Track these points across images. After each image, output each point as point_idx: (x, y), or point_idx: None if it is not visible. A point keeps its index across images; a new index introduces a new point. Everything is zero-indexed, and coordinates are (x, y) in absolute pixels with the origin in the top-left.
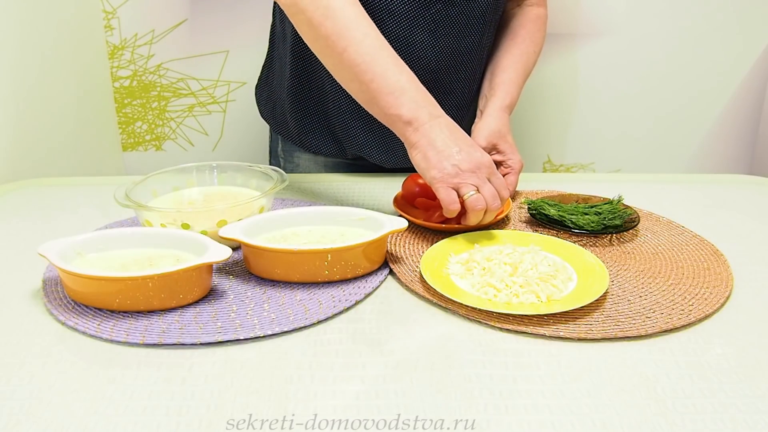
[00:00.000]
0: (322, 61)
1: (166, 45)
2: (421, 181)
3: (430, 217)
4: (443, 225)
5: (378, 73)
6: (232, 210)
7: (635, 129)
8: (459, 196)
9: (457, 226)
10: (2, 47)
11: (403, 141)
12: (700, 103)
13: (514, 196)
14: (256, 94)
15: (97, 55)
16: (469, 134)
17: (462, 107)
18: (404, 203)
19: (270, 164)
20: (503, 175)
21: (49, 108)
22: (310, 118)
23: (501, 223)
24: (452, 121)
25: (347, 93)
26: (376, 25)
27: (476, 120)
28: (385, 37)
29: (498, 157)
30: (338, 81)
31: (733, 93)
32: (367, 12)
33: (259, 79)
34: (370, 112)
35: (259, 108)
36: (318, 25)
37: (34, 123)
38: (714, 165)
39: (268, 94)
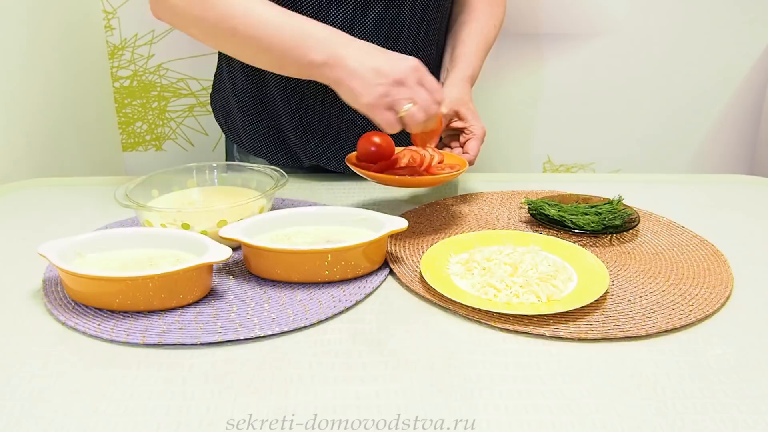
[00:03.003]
0: (222, 51)
1: (166, 45)
2: (376, 139)
3: (383, 170)
4: (397, 177)
5: (274, 35)
6: (232, 210)
7: (635, 129)
8: (397, 114)
9: (410, 178)
10: (2, 47)
11: (329, 85)
12: (700, 103)
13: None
14: (211, 102)
15: (97, 55)
16: None
17: None
18: (357, 163)
19: None
20: (464, 142)
21: (49, 108)
22: (264, 133)
23: (500, 223)
24: (364, 42)
25: (301, 108)
26: None
27: None
28: None
29: (459, 124)
30: (249, 62)
31: (733, 93)
32: None
33: (212, 88)
34: (290, 75)
35: (214, 113)
36: (202, 20)
37: (34, 123)
38: (714, 165)
39: (222, 104)
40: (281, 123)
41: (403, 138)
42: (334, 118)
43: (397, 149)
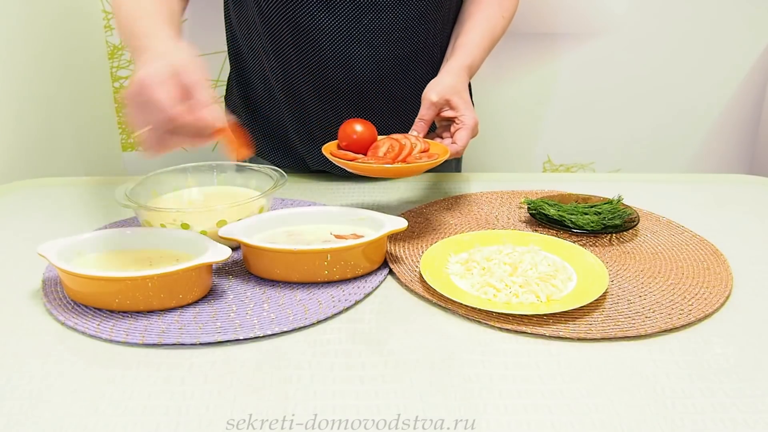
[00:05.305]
0: None
1: None
2: (358, 127)
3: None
4: (371, 167)
5: (121, 26)
6: (231, 210)
7: (635, 129)
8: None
9: (384, 168)
10: (2, 47)
11: None
12: (700, 103)
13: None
14: (225, 104)
15: (97, 55)
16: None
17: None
18: (337, 150)
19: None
20: (454, 132)
21: (49, 108)
22: (272, 138)
23: (500, 223)
24: (158, 50)
25: (303, 117)
26: (312, 46)
27: None
28: (322, 57)
29: (450, 113)
30: None
31: (733, 93)
32: (300, 33)
33: (226, 91)
34: None
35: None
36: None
37: (33, 123)
38: (714, 165)
39: (233, 107)
40: (287, 130)
41: (387, 125)
42: (335, 127)
43: (379, 137)
